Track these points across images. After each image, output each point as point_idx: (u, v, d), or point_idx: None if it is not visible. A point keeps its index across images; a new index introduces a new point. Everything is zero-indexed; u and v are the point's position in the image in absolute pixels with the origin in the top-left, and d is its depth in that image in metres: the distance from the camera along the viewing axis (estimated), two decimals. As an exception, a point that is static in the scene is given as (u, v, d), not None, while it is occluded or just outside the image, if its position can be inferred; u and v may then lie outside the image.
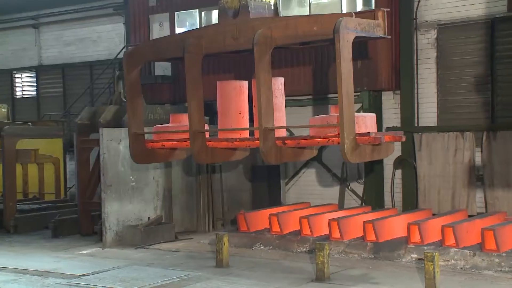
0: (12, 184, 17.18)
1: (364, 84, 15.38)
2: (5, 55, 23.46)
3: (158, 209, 15.05)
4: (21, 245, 14.88)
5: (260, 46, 6.76)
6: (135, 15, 19.19)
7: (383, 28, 7.00)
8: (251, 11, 7.12)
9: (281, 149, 7.05)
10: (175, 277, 11.14)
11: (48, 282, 11.07)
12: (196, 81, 7.33)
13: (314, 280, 10.62)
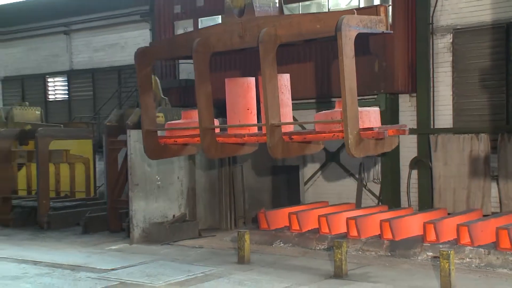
0: (45, 183, 17.28)
1: (381, 87, 15.22)
2: (39, 61, 23.65)
3: (183, 207, 15.07)
4: (54, 240, 15.00)
5: (265, 44, 6.69)
6: (160, 21, 19.22)
7: (385, 23, 6.87)
8: (256, 10, 7.05)
9: (288, 144, 6.98)
10: (198, 272, 11.14)
11: (80, 276, 11.16)
12: (205, 78, 7.27)
13: (332, 277, 10.54)
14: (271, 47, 6.71)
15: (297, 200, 16.71)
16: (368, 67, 15.18)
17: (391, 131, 6.84)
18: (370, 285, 10.06)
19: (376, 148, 6.97)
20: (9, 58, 24.65)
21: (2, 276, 11.30)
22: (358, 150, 6.53)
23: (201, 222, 15.26)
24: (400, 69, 15.16)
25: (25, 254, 13.28)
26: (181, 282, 10.50)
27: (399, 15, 15.08)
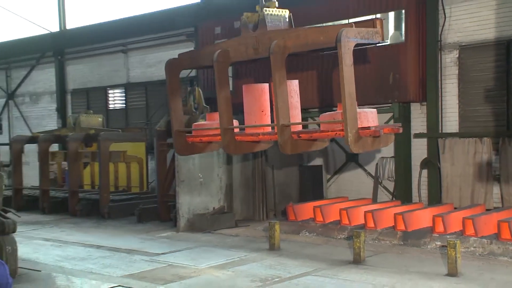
0: (106, 179, 17.54)
1: (395, 97, 15.06)
2: (101, 75, 23.98)
3: (221, 201, 15.09)
4: (113, 228, 15.20)
5: (275, 54, 6.64)
6: (203, 41, 19.32)
7: (381, 34, 6.72)
8: (268, 24, 6.99)
9: (297, 141, 6.92)
10: (235, 257, 11.16)
11: (135, 258, 11.30)
12: (224, 85, 7.28)
13: (351, 263, 10.45)
14: (281, 57, 6.68)
15: (321, 195, 16.60)
16: (383, 79, 15.11)
17: (386, 130, 6.76)
18: (385, 269, 9.94)
19: (374, 145, 6.88)
20: (77, 74, 25.07)
21: (72, 258, 11.54)
22: (357, 147, 6.46)
23: (237, 214, 15.26)
24: (412, 81, 14.98)
25: (89, 239, 13.50)
26: (221, 265, 10.52)
27: (411, 34, 14.90)
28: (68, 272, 10.22)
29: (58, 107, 25.46)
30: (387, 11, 15.53)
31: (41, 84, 26.45)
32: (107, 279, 9.69)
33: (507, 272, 9.65)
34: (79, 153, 18.63)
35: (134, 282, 9.38)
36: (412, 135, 15.39)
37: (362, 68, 15.42)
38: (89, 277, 9.84)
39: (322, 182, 17.07)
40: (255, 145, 7.62)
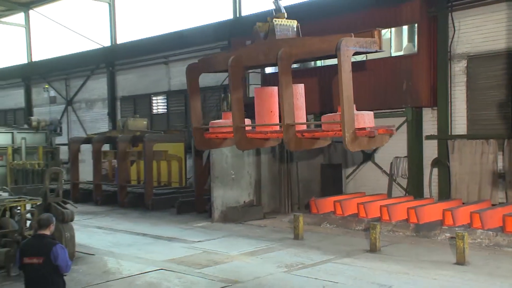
0: (150, 175, 17.65)
1: (408, 102, 14.85)
2: (146, 84, 24.15)
3: (251, 195, 15.06)
4: (156, 218, 15.27)
5: (282, 61, 6.58)
6: (236, 53, 19.30)
7: (379, 44, 6.58)
8: (277, 33, 6.88)
9: (300, 140, 6.85)
10: (263, 245, 11.17)
11: (175, 245, 11.42)
12: (237, 87, 7.26)
13: (368, 251, 10.37)
14: (287, 63, 6.63)
15: (340, 191, 16.44)
16: (398, 86, 14.92)
17: (380, 131, 6.60)
18: (399, 258, 9.81)
19: (369, 144, 6.66)
20: (126, 83, 25.34)
21: (121, 244, 11.72)
22: (354, 146, 6.30)
23: (265, 207, 15.21)
24: (423, 88, 14.75)
25: (136, 228, 13.66)
26: (250, 252, 10.55)
27: (423, 45, 14.67)
28: (118, 256, 10.36)
29: (109, 112, 25.79)
30: (402, 25, 15.34)
31: (95, 92, 26.86)
32: (151, 263, 9.78)
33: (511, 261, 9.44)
34: (127, 152, 18.85)
35: (175, 266, 9.45)
36: (424, 137, 15.13)
37: (379, 77, 15.32)
38: (135, 261, 9.95)
39: (342, 179, 16.89)
40: (264, 142, 7.58)
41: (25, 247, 5.64)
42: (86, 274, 8.94)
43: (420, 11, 14.54)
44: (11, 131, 23.85)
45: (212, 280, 8.48)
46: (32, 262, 5.41)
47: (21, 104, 30.75)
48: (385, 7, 15.14)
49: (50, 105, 28.85)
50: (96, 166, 19.09)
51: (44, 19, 28.87)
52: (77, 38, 26.67)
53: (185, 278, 8.60)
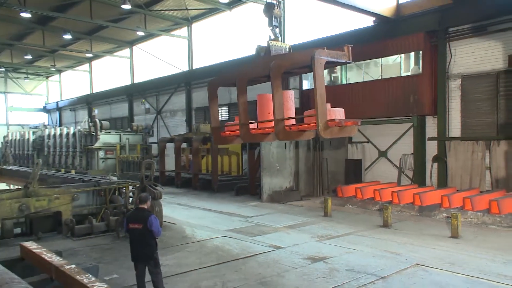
0: (216, 166, 17.89)
1: (414, 112, 14.45)
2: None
3: (291, 182, 15.07)
4: (220, 199, 15.46)
5: (274, 71, 6.50)
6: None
7: (348, 56, 6.37)
8: (272, 52, 6.84)
9: (289, 132, 6.72)
10: (300, 220, 11.16)
11: (234, 219, 11.51)
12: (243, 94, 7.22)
13: (381, 226, 10.21)
14: (277, 72, 6.55)
15: (360, 180, 16.18)
16: (406, 100, 14.56)
17: (347, 123, 6.37)
18: (406, 232, 9.59)
19: (340, 133, 6.39)
20: (199, 97, 25.31)
21: (194, 217, 11.90)
22: (326, 134, 6.08)
23: (302, 191, 15.18)
24: (427, 100, 14.30)
25: (205, 205, 13.84)
26: (290, 225, 10.55)
27: (426, 67, 14.25)
28: (193, 226, 10.59)
29: (186, 119, 26.28)
30: (409, 52, 14.96)
31: (177, 104, 27.49)
32: (217, 231, 9.95)
33: (495, 235, 9.14)
34: (199, 149, 19.21)
35: (234, 234, 9.59)
36: (427, 139, 14.66)
37: (391, 92, 15.02)
38: (205, 230, 10.14)
39: (361, 170, 16.62)
40: (264, 137, 7.46)
41: (130, 216, 5.84)
42: (170, 238, 9.18)
43: (424, 41, 14.18)
44: (119, 133, 24.84)
45: (262, 245, 8.56)
46: (135, 227, 5.61)
47: (125, 113, 31.81)
48: (396, 38, 14.88)
49: (145, 114, 29.81)
50: (177, 159, 19.60)
51: (142, 52, 29.96)
52: (164, 65, 27.51)
53: (242, 243, 8.72)
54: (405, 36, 14.61)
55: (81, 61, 36.82)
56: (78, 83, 39.15)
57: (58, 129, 27.62)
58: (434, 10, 14.02)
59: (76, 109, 38.40)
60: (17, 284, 3.94)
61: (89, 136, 24.36)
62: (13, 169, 19.06)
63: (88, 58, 35.52)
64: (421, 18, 14.33)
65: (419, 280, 6.46)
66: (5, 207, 8.45)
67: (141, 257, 5.63)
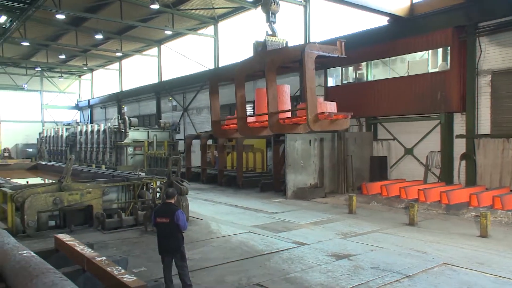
0: (241, 163, 18.01)
1: (442, 108, 14.05)
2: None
3: (315, 179, 14.97)
4: (245, 195, 15.49)
5: (269, 66, 6.53)
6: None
7: (340, 51, 6.30)
8: (268, 47, 6.88)
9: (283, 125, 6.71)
10: (324, 217, 11.06)
11: (259, 215, 11.52)
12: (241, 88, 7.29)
13: (407, 225, 9.99)
14: (271, 67, 6.57)
15: (385, 177, 15.88)
16: (434, 96, 14.18)
17: (336, 116, 6.35)
18: (432, 230, 9.35)
19: (331, 126, 6.47)
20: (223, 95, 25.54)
21: (220, 212, 11.95)
22: (315, 126, 6.14)
23: (326, 188, 15.03)
24: (455, 97, 13.88)
25: (230, 201, 13.90)
26: (314, 222, 10.48)
27: (454, 63, 13.82)
28: (218, 221, 10.66)
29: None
30: (437, 48, 14.53)
31: (203, 102, 27.67)
32: (242, 227, 9.98)
33: (529, 238, 8.71)
34: (224, 146, 19.28)
35: (259, 230, 9.60)
36: (454, 136, 14.23)
37: (418, 88, 14.68)
38: (230, 225, 10.20)
39: (387, 168, 16.32)
40: (261, 130, 7.46)
41: (158, 210, 5.93)
42: (196, 233, 9.28)
43: (452, 36, 13.77)
44: (147, 130, 25.32)
45: (286, 241, 8.53)
46: (162, 221, 5.70)
47: (153, 111, 32.27)
48: (424, 34, 14.49)
49: (172, 112, 30.18)
50: (203, 155, 19.77)
51: (169, 51, 30.36)
52: (191, 64, 27.77)
53: (266, 239, 8.71)
54: (432, 32, 14.24)
55: (111, 60, 37.68)
56: (109, 81, 40.09)
57: (90, 126, 28.41)
58: (463, 5, 13.55)
59: (106, 106, 39.36)
60: (53, 274, 4.06)
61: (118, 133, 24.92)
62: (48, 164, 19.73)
63: (118, 57, 36.30)
64: (449, 13, 13.90)
65: (446, 279, 6.29)
66: (41, 201, 8.76)
67: (168, 250, 5.71)
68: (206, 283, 6.17)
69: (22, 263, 4.46)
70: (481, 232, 8.76)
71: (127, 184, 10.38)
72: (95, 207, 9.38)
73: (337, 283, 6.14)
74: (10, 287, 4.43)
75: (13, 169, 18.61)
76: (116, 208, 10.03)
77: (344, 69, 17.68)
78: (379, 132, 16.72)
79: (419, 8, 14.96)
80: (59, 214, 9.35)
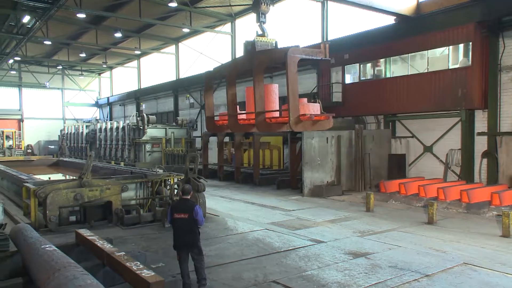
0: (257, 160, 17.91)
1: (463, 105, 13.75)
2: (255, 93, 24.52)
3: (332, 177, 14.84)
4: (261, 192, 15.47)
5: (257, 66, 6.65)
6: (322, 68, 19.11)
7: (324, 53, 6.39)
8: (257, 48, 7.01)
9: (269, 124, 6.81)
10: (342, 215, 10.97)
11: (275, 212, 11.50)
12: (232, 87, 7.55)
13: (426, 223, 9.82)
14: (259, 68, 6.68)
15: (404, 175, 15.65)
16: (454, 93, 13.87)
17: (317, 117, 6.50)
18: (452, 229, 9.16)
19: (313, 127, 6.67)
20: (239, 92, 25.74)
21: (236, 209, 11.95)
22: (297, 127, 6.30)
23: (343, 186, 14.90)
24: (476, 94, 13.57)
25: (247, 198, 13.92)
26: (331, 220, 10.41)
27: (476, 59, 13.49)
28: (235, 218, 10.68)
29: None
30: (458, 44, 14.19)
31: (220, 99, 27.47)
32: (259, 224, 9.99)
33: (553, 238, 8.44)
34: (241, 143, 19.30)
35: (275, 227, 9.59)
36: (476, 133, 13.91)
37: (439, 85, 14.41)
38: (247, 222, 10.21)
39: (405, 165, 16.07)
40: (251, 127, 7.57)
41: (175, 206, 6.00)
42: (213, 229, 9.33)
43: (474, 32, 13.43)
44: (164, 127, 25.54)
45: (303, 239, 8.51)
46: (180, 217, 5.79)
47: (171, 108, 32.58)
48: (445, 30, 14.18)
49: (189, 109, 30.38)
50: (220, 153, 19.86)
51: (187, 48, 30.56)
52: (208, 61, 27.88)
53: (283, 236, 8.70)
54: (454, 28, 13.92)
55: (130, 58, 38.19)
56: (127, 79, 40.65)
57: (109, 123, 28.87)
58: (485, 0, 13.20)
59: (125, 104, 39.92)
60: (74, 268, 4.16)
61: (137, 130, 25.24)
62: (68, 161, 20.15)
63: (137, 55, 36.76)
64: (470, 8, 13.56)
65: (467, 279, 6.16)
66: (62, 196, 8.96)
67: (186, 245, 5.80)
68: (223, 279, 6.20)
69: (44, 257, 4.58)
70: (503, 231, 8.55)
71: (145, 180, 10.50)
72: (114, 203, 9.53)
73: (354, 282, 6.08)
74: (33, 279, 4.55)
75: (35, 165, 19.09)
76: (134, 204, 10.17)
77: (362, 65, 17.49)
78: (397, 129, 16.48)
79: (425, 7, 14.74)
80: (80, 210, 9.54)
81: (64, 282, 3.82)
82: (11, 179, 12.74)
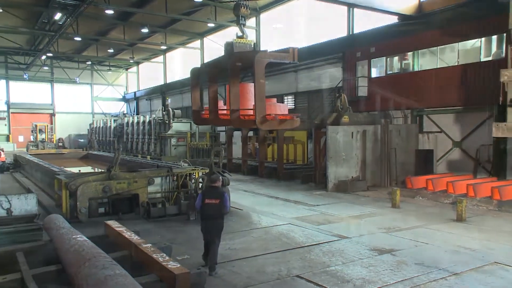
0: (281, 155, 17.94)
1: (494, 100, 13.20)
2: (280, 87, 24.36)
3: (357, 172, 14.64)
4: (285, 187, 15.46)
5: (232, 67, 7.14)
6: (348, 62, 18.82)
7: (292, 57, 6.95)
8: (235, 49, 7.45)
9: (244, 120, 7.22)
10: (367, 211, 10.85)
11: (299, 207, 11.48)
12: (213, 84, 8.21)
13: (454, 221, 9.57)
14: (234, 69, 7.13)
15: (431, 171, 15.27)
16: (486, 86, 13.32)
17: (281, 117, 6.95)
18: (482, 227, 8.89)
19: (280, 126, 7.07)
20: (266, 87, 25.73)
21: (260, 203, 11.99)
22: (264, 126, 6.72)
23: (368, 181, 14.67)
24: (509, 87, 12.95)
25: (271, 193, 13.93)
26: (356, 215, 10.31)
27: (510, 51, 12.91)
28: (259, 212, 10.72)
29: (253, 108, 26.59)
30: (491, 35, 13.67)
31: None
32: (282, 219, 9.99)
33: None
34: (265, 138, 19.26)
35: (299, 222, 9.57)
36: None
37: (471, 79, 13.93)
38: (271, 217, 10.22)
39: (433, 161, 15.66)
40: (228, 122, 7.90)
41: (206, 193, 6.47)
42: (237, 223, 9.40)
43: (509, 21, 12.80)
44: (189, 122, 25.85)
45: (327, 234, 8.46)
46: (211, 202, 6.29)
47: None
48: (476, 20, 13.66)
49: (213, 103, 30.67)
50: (244, 147, 19.94)
51: (212, 43, 30.73)
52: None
53: (307, 231, 8.68)
54: (486, 18, 13.38)
55: (156, 53, 38.73)
56: (153, 73, 41.27)
57: (136, 118, 29.46)
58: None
59: (151, 98, 40.60)
60: (103, 258, 4.29)
61: (162, 124, 25.65)
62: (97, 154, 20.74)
63: (163, 50, 37.23)
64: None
65: (497, 279, 5.98)
66: (91, 188, 9.23)
67: (214, 229, 6.28)
68: (247, 272, 6.25)
69: (75, 247, 4.75)
70: (537, 231, 8.23)
71: (171, 174, 10.67)
72: (141, 196, 9.74)
73: (379, 278, 6.01)
74: (65, 267, 4.73)
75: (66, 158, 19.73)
76: (160, 198, 10.36)
77: (388, 59, 17.11)
78: (425, 124, 16.07)
79: (427, 7, 14.26)
80: (108, 202, 9.80)
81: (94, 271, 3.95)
82: (44, 171, 13.22)
